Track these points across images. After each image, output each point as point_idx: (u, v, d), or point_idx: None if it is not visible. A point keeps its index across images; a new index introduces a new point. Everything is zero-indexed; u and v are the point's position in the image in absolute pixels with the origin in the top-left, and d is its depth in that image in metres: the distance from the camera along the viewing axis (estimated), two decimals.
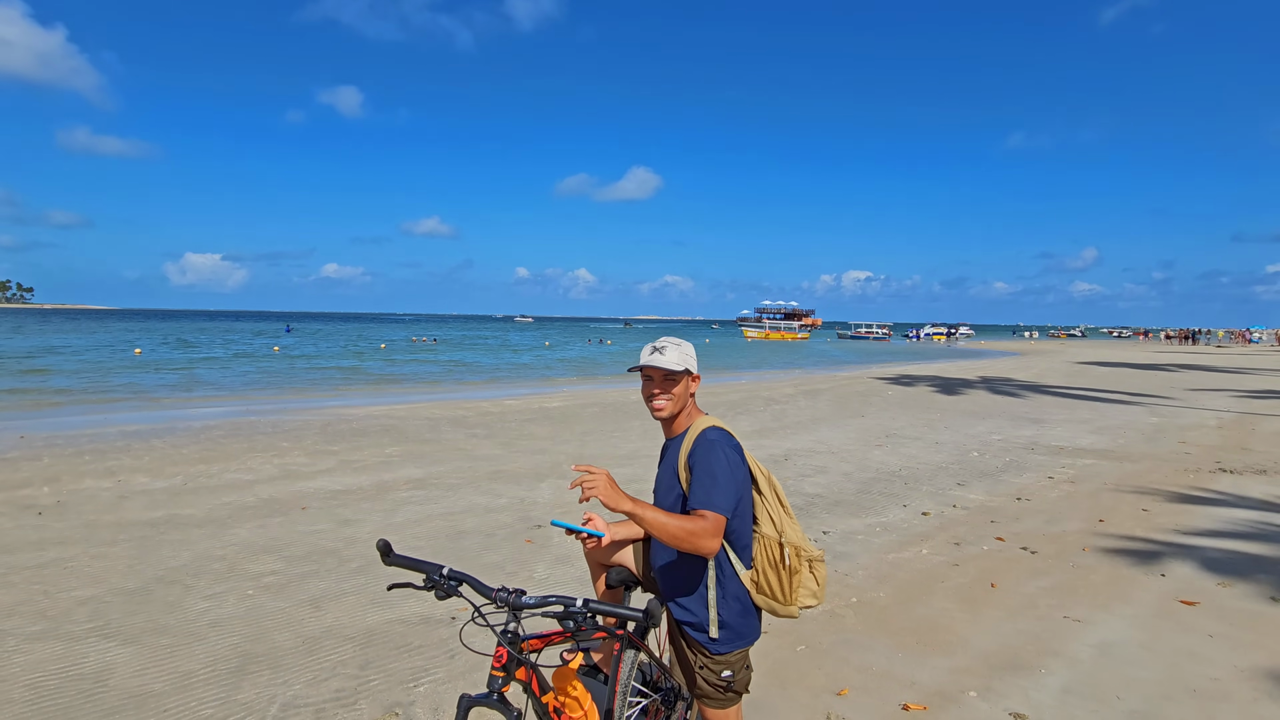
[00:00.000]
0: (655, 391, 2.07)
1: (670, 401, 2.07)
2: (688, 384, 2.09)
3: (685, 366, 2.05)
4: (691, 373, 2.09)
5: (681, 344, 2.10)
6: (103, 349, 35.13)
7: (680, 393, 2.07)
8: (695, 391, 2.14)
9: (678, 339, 2.12)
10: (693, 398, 2.15)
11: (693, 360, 2.10)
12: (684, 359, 2.06)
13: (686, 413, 2.12)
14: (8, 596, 4.06)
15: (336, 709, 2.94)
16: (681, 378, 2.06)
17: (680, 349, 2.08)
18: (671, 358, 2.04)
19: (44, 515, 5.75)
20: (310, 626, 3.73)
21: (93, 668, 3.27)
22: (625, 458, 8.49)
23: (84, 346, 36.65)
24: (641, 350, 2.11)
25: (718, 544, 1.87)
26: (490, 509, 6.11)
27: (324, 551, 4.93)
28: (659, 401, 2.07)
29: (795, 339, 69.79)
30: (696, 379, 2.12)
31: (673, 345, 2.08)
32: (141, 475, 7.23)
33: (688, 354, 2.09)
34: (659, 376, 2.06)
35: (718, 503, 1.87)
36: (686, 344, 2.12)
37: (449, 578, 1.72)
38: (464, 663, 3.34)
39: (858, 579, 4.51)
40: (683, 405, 2.10)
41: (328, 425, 10.84)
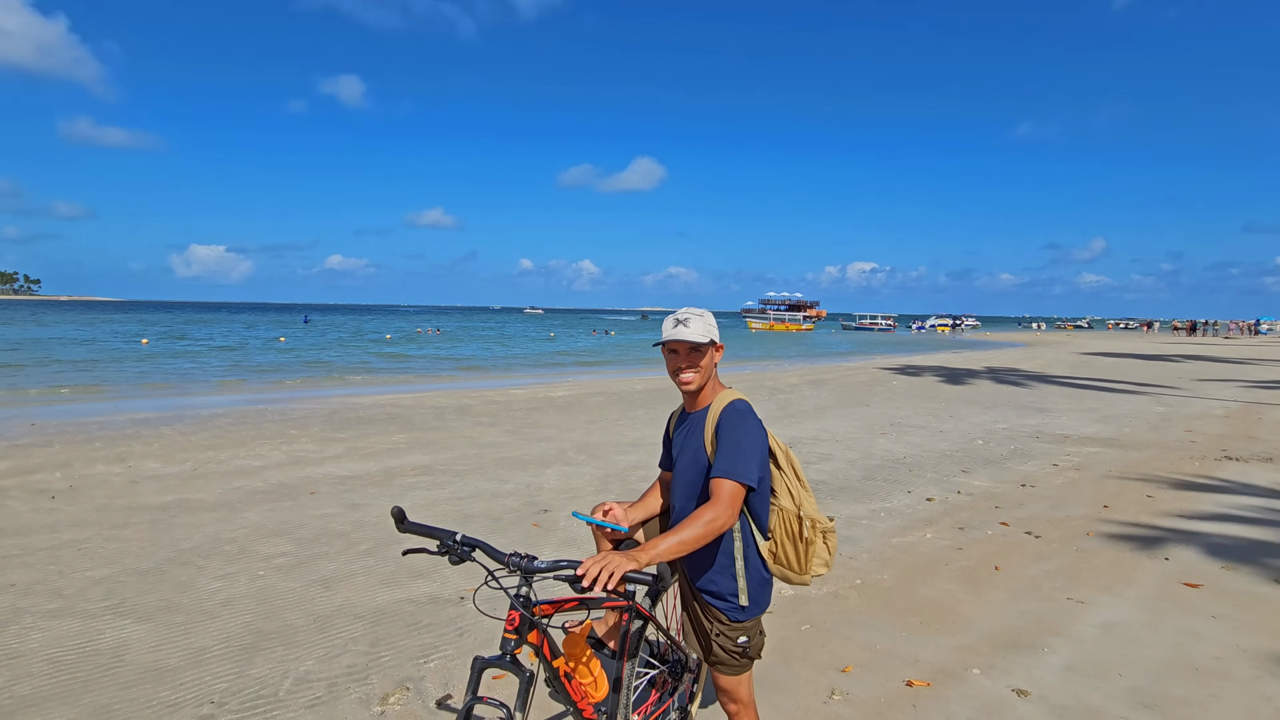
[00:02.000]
0: (682, 365, 2.06)
1: (698, 374, 2.06)
2: (713, 355, 2.08)
3: (710, 337, 2.04)
4: (716, 343, 2.08)
5: (704, 314, 2.09)
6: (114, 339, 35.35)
7: (707, 365, 2.07)
8: (718, 363, 2.14)
9: (700, 309, 2.09)
10: (715, 371, 2.15)
11: (716, 330, 2.08)
12: (708, 329, 2.05)
13: (710, 386, 2.12)
14: (25, 576, 4.13)
15: (348, 683, 2.99)
16: (707, 349, 2.06)
17: (704, 320, 2.06)
18: (696, 329, 2.03)
19: (57, 499, 5.83)
20: (321, 605, 3.78)
21: (109, 644, 3.33)
22: (630, 445, 8.53)
23: (93, 337, 36.87)
24: (664, 324, 2.10)
25: (735, 514, 1.88)
26: (497, 494, 6.16)
27: (333, 534, 4.99)
28: (686, 375, 2.06)
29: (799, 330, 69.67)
30: (720, 349, 2.11)
31: (695, 316, 2.06)
32: (152, 461, 7.30)
33: (710, 324, 2.07)
34: (685, 350, 2.05)
35: (741, 470, 1.88)
36: (709, 314, 2.10)
37: (462, 543, 1.75)
38: (473, 640, 3.39)
39: (862, 562, 4.54)
40: (709, 376, 2.10)
41: (334, 413, 10.91)
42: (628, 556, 1.66)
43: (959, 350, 35.83)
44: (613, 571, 1.61)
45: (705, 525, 1.80)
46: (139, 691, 2.91)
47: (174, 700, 2.85)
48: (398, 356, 29.06)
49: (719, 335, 2.10)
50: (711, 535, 1.84)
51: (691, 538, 1.78)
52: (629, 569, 1.63)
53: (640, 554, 1.70)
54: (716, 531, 1.85)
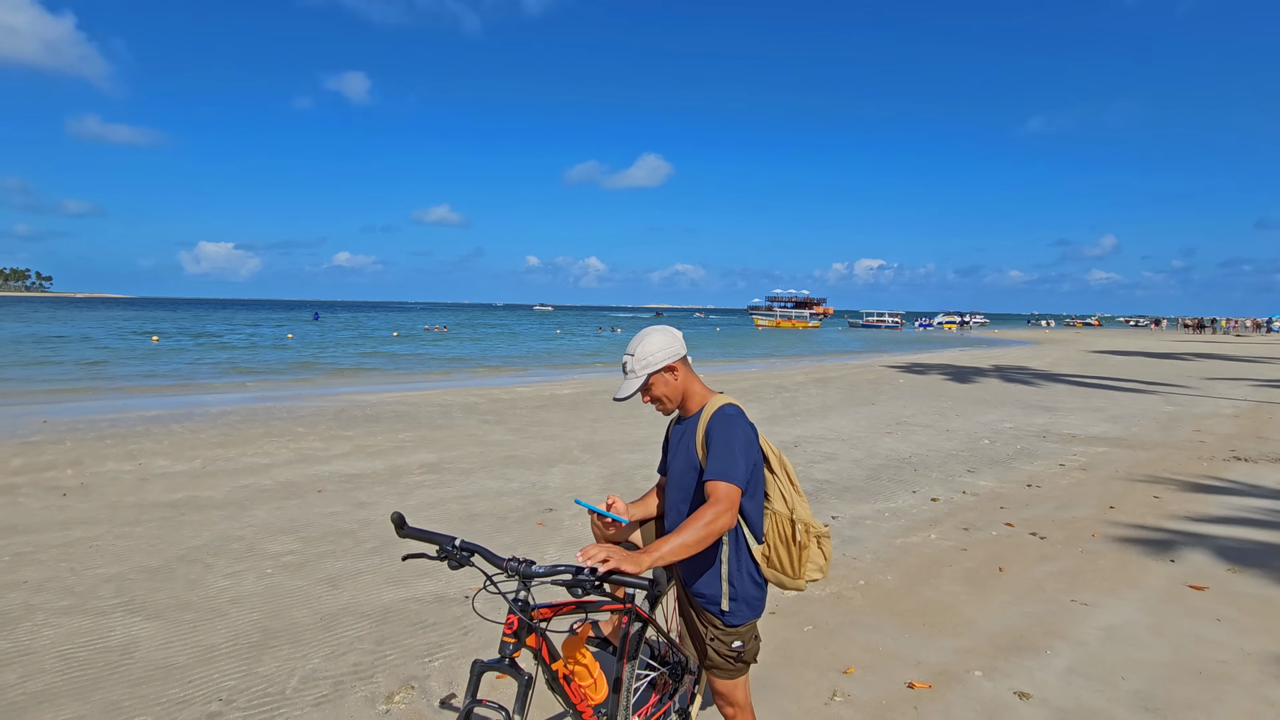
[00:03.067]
0: (647, 400, 2.12)
1: (664, 403, 2.11)
2: (666, 378, 2.07)
3: (645, 374, 2.04)
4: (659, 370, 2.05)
5: (638, 348, 2.05)
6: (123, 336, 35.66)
7: (664, 391, 2.08)
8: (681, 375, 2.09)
9: (641, 338, 2.08)
10: (691, 378, 2.13)
11: (657, 356, 2.04)
12: (643, 365, 2.04)
13: (696, 394, 2.14)
14: (36, 573, 4.20)
15: (354, 681, 3.03)
16: (654, 379, 2.06)
17: (635, 357, 2.04)
18: (631, 378, 2.04)
19: (68, 496, 5.90)
20: (328, 604, 3.83)
21: (119, 641, 3.38)
22: (635, 444, 8.55)
23: (104, 334, 37.20)
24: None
25: (735, 517, 1.90)
26: (502, 493, 6.20)
27: (340, 532, 5.04)
28: (657, 407, 2.14)
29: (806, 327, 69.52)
30: (673, 368, 2.07)
31: (629, 358, 2.06)
32: (161, 459, 7.38)
33: (646, 354, 2.04)
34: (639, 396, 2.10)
35: (733, 474, 1.91)
36: (650, 339, 2.06)
37: (461, 548, 1.77)
38: (477, 639, 3.42)
39: (865, 562, 4.55)
40: (680, 393, 2.11)
41: (341, 411, 10.99)
42: (630, 556, 1.69)
43: (966, 348, 35.66)
44: (607, 558, 1.66)
45: (705, 527, 1.82)
46: (149, 689, 2.96)
47: (183, 697, 2.89)
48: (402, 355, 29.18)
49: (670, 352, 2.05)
50: (713, 536, 1.86)
51: (693, 539, 1.80)
52: (626, 566, 1.66)
53: (643, 556, 1.72)
54: (717, 532, 1.87)
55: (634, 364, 2.04)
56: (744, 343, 42.55)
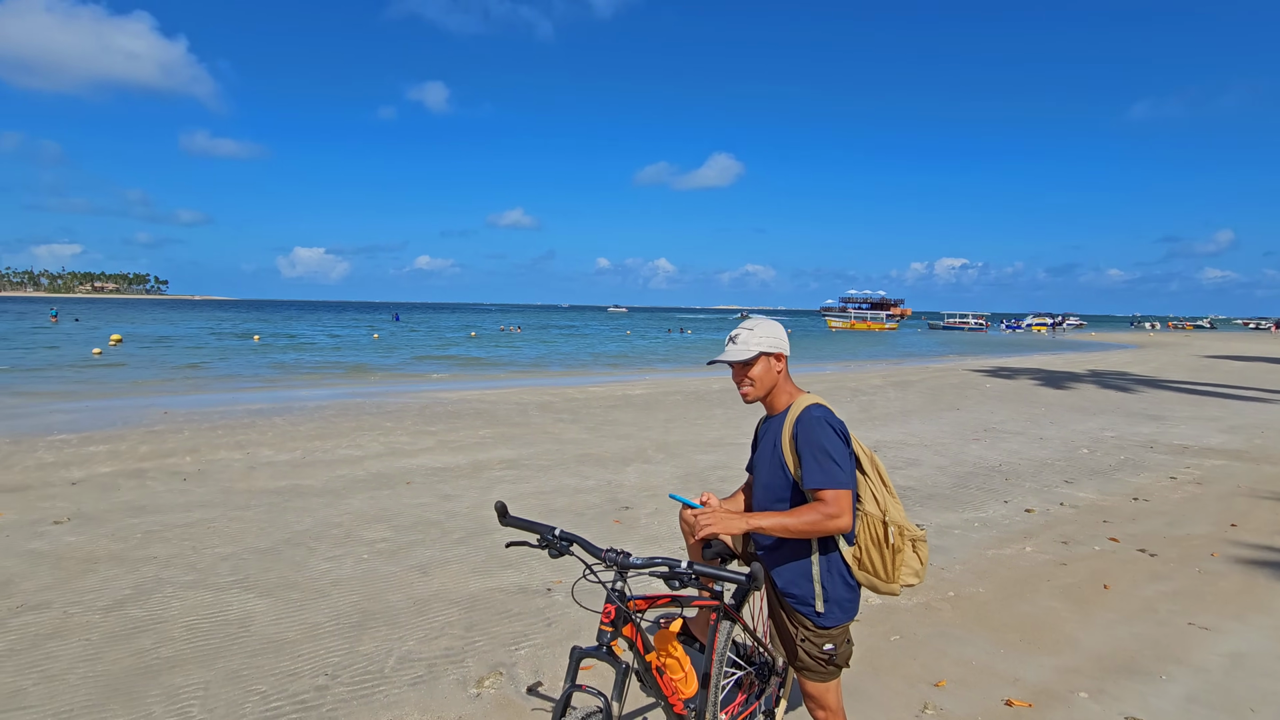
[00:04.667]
0: (737, 379, 2.11)
1: (752, 387, 2.09)
2: (769, 365, 2.08)
3: (758, 350, 2.04)
4: (769, 354, 2.07)
5: (757, 326, 2.09)
6: (229, 336, 38.58)
7: (760, 376, 2.07)
8: (781, 369, 2.11)
9: (755, 320, 2.11)
10: (786, 376, 2.14)
11: (770, 340, 2.07)
12: (756, 343, 2.05)
13: (785, 392, 2.12)
14: (165, 550, 4.60)
15: (446, 664, 3.16)
16: (757, 361, 2.06)
17: (754, 332, 2.07)
18: (741, 347, 2.05)
19: (188, 481, 6.44)
20: (419, 590, 4.01)
21: (236, 615, 3.66)
22: (709, 445, 8.52)
23: (214, 333, 40.34)
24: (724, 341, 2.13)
25: (849, 520, 1.90)
26: (579, 490, 6.31)
27: (428, 523, 5.27)
28: (743, 388, 2.10)
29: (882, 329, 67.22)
30: (780, 358, 2.09)
31: (745, 331, 2.07)
32: (266, 449, 7.93)
33: (764, 335, 2.07)
34: (737, 366, 2.08)
35: (837, 478, 1.89)
36: (767, 324, 2.10)
37: (561, 538, 1.83)
38: (560, 630, 3.50)
39: (954, 573, 4.36)
40: (769, 386, 2.10)
41: (426, 408, 11.48)
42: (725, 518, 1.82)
43: (1059, 351, 33.53)
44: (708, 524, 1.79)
45: (812, 524, 1.84)
46: (263, 660, 3.19)
47: (293, 670, 3.10)
48: (479, 354, 30.16)
49: (782, 344, 2.09)
50: (821, 531, 1.89)
51: (795, 525, 1.83)
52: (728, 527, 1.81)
53: (741, 520, 1.83)
54: (824, 531, 1.91)
55: (750, 337, 2.05)
56: (816, 344, 41.58)
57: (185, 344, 31.60)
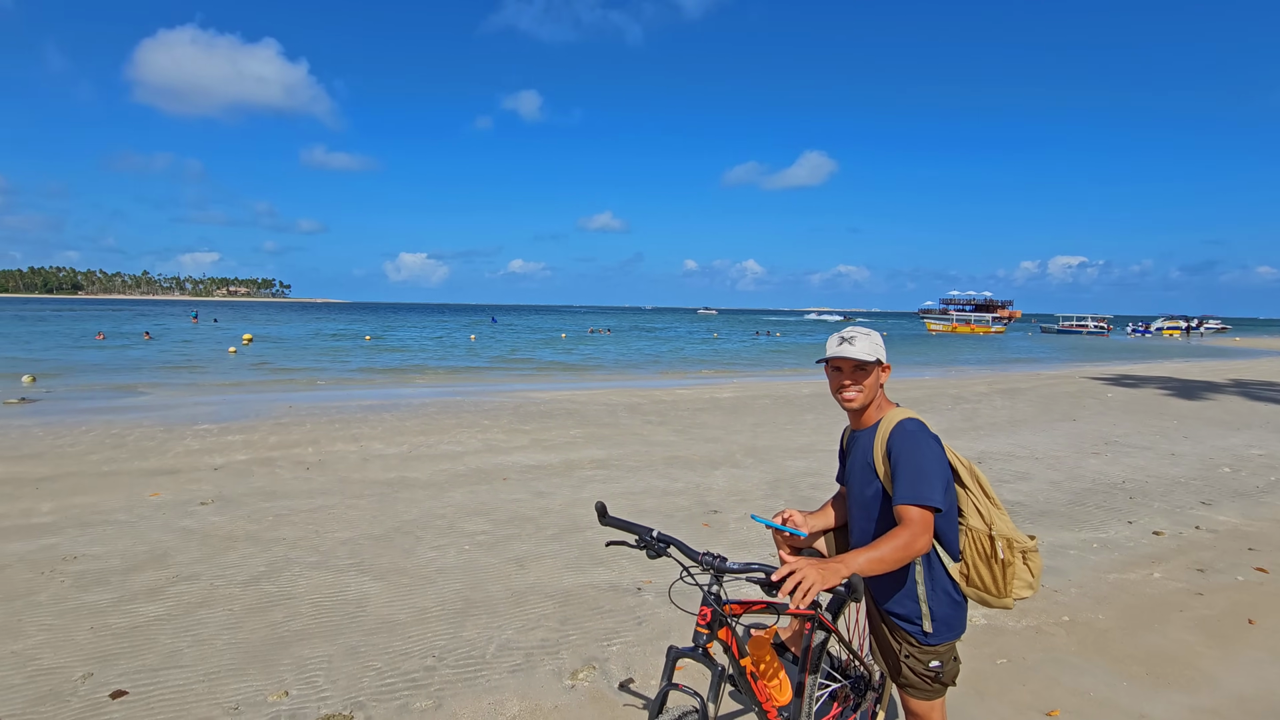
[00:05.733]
0: (845, 383, 2.07)
1: (861, 393, 2.05)
2: (878, 374, 2.06)
3: (875, 356, 2.03)
4: (882, 363, 2.06)
5: (870, 334, 2.08)
6: (343, 336, 41.63)
7: (871, 384, 2.05)
8: (884, 382, 2.10)
9: (866, 329, 2.09)
10: (882, 389, 2.12)
11: (883, 350, 2.07)
12: (874, 349, 2.04)
13: (876, 404, 2.10)
14: (293, 532, 5.05)
15: (543, 655, 3.29)
16: (872, 368, 2.04)
17: (870, 339, 2.06)
18: (861, 348, 2.02)
19: (310, 470, 7.02)
20: (516, 582, 4.19)
21: (354, 596, 3.97)
22: (799, 451, 8.36)
23: (331, 334, 43.64)
24: (828, 341, 2.12)
25: (929, 540, 1.83)
26: (668, 492, 6.37)
27: (524, 518, 5.49)
28: (849, 393, 2.06)
29: (987, 332, 63.22)
30: (887, 369, 2.08)
31: (862, 335, 2.06)
32: (377, 443, 8.51)
33: (878, 344, 2.07)
34: (848, 367, 2.05)
35: (925, 494, 1.83)
36: (875, 334, 2.09)
37: (659, 539, 1.88)
38: (650, 629, 3.57)
39: (1069, 597, 4.07)
40: (873, 396, 2.08)
41: (519, 407, 11.92)
42: (821, 570, 1.68)
43: (1194, 358, 30.31)
44: (807, 590, 1.63)
45: (901, 549, 1.78)
46: (378, 639, 3.45)
47: (405, 650, 3.33)
48: (569, 356, 30.92)
49: (885, 356, 2.08)
50: (907, 559, 1.82)
51: (889, 557, 1.76)
52: (823, 586, 1.65)
53: (839, 566, 1.71)
54: (912, 555, 1.82)
55: (868, 343, 2.04)
56: (914, 348, 39.70)
57: (305, 343, 34.41)
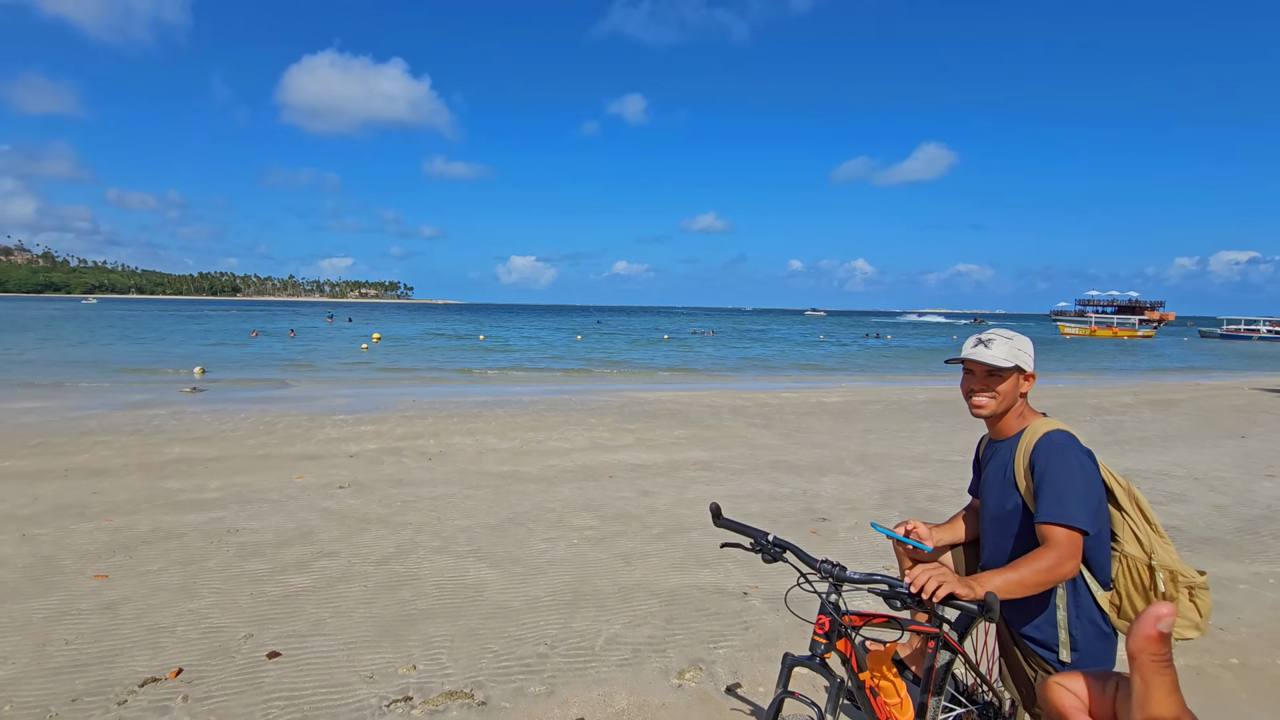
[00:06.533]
0: (976, 388, 1.94)
1: (993, 400, 1.92)
2: (1018, 382, 1.92)
3: (1015, 363, 1.88)
4: (1023, 370, 1.92)
5: (1014, 338, 1.94)
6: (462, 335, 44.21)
7: (1007, 391, 1.91)
8: (1026, 391, 1.95)
9: (1011, 332, 1.95)
10: (1024, 398, 1.97)
11: (1026, 356, 1.92)
12: (1014, 354, 1.90)
13: (1018, 414, 1.95)
14: (418, 518, 5.42)
15: (649, 652, 3.34)
16: (1008, 375, 1.90)
17: (1011, 343, 1.92)
18: (998, 352, 1.89)
19: (432, 460, 7.50)
20: (623, 578, 4.27)
21: (472, 581, 4.20)
22: (915, 460, 7.93)
23: (449, 334, 46.49)
24: (964, 343, 2.00)
25: (1077, 564, 1.69)
26: (773, 497, 6.25)
27: (629, 516, 5.58)
28: (979, 399, 1.94)
29: (1132, 337, 57.06)
30: (1030, 378, 1.93)
31: (1002, 339, 1.92)
32: (491, 437, 8.95)
33: (1020, 349, 1.92)
34: (981, 371, 1.93)
35: (1072, 514, 1.69)
36: (1021, 338, 1.95)
37: (774, 544, 1.85)
38: (757, 635, 3.51)
39: (1239, 636, 3.60)
40: (1009, 405, 1.94)
41: (624, 406, 12.12)
42: (958, 579, 1.59)
43: None
44: (940, 584, 1.56)
45: (1045, 573, 1.65)
46: (494, 623, 3.63)
47: (519, 636, 3.49)
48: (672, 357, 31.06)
49: (1031, 363, 1.92)
50: (1050, 583, 1.69)
51: (1030, 581, 1.64)
52: (959, 590, 1.56)
53: (971, 582, 1.61)
54: (1056, 580, 1.69)
55: (1007, 347, 1.91)
56: (1044, 353, 36.52)
57: (426, 342, 36.84)
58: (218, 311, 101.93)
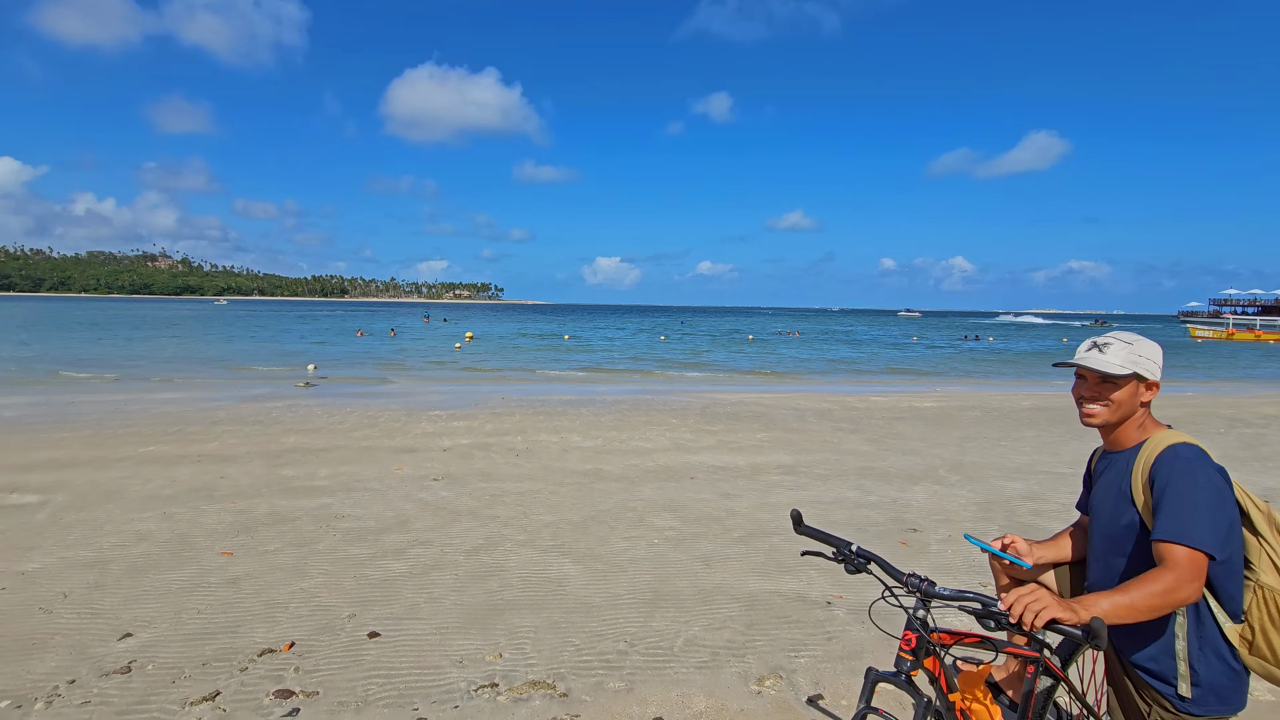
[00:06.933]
0: (1086, 395, 1.81)
1: (1105, 409, 1.78)
2: (1136, 391, 1.76)
3: (1133, 370, 1.73)
4: (1143, 379, 1.76)
5: (1136, 343, 1.78)
6: (548, 335, 45.44)
7: (1123, 400, 1.77)
8: (1148, 400, 1.80)
9: (1134, 336, 1.80)
10: (1145, 408, 1.81)
11: (1149, 363, 1.76)
12: (1132, 361, 1.75)
13: (1138, 424, 1.80)
14: (505, 511, 5.63)
15: (729, 656, 3.31)
16: (1125, 383, 1.75)
17: (1131, 349, 1.76)
18: (1113, 358, 1.75)
19: (519, 456, 7.76)
20: (703, 580, 4.26)
21: (556, 575, 4.32)
22: (1016, 471, 7.45)
23: (536, 334, 47.87)
24: (1078, 346, 1.87)
25: (1198, 589, 1.54)
26: (860, 504, 6.05)
27: (710, 518, 5.55)
28: (1090, 406, 1.80)
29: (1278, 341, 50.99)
30: (1153, 387, 1.77)
31: (1121, 344, 1.77)
32: (575, 435, 9.16)
33: (1142, 355, 1.76)
34: (1093, 378, 1.79)
35: (1196, 535, 1.54)
36: (1146, 343, 1.79)
37: (858, 554, 1.80)
38: (840, 647, 3.42)
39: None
40: (1126, 415, 1.79)
41: (706, 408, 12.08)
42: (1060, 602, 1.50)
43: None
44: (1039, 610, 1.46)
45: (1160, 596, 1.51)
46: (576, 618, 3.71)
47: (599, 631, 3.56)
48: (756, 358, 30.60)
49: (1158, 371, 1.76)
50: (1165, 608, 1.55)
51: (1142, 605, 1.51)
52: (1060, 615, 1.46)
53: (1075, 605, 1.51)
54: (1173, 606, 1.55)
55: (1125, 353, 1.77)
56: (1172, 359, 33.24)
57: (515, 341, 38.14)
58: (325, 312, 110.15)
